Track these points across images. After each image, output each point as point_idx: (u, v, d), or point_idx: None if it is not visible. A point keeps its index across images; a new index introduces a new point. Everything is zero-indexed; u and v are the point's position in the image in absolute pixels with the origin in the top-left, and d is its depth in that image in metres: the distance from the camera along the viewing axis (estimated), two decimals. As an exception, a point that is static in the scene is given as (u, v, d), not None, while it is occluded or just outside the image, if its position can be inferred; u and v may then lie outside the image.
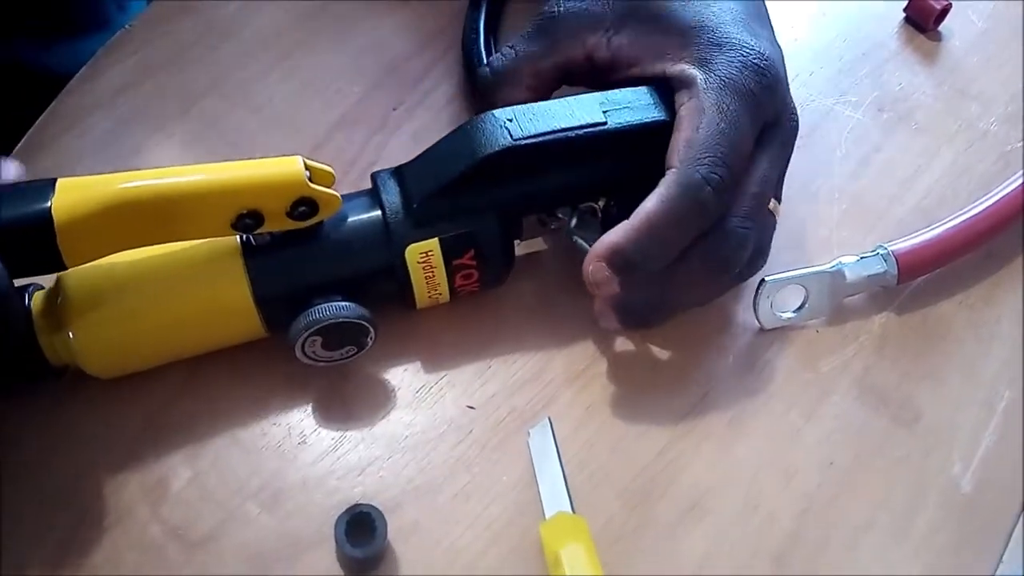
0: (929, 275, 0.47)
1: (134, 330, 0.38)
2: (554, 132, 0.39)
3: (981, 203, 0.48)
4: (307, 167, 0.37)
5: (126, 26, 0.52)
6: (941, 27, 0.60)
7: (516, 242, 0.42)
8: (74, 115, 0.49)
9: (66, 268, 0.35)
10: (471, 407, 0.42)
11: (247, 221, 0.36)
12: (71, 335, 0.37)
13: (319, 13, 0.54)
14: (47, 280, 0.39)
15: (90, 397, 0.40)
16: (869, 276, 0.44)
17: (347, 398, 0.42)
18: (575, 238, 0.42)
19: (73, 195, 0.34)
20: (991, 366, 0.45)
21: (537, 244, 0.44)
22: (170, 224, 0.36)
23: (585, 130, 0.40)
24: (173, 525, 0.38)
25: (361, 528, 0.37)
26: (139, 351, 0.39)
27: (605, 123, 0.40)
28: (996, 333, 0.46)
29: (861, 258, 0.45)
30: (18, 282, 0.35)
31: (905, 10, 0.60)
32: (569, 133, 0.40)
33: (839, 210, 0.50)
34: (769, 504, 0.40)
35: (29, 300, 0.38)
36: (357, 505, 0.37)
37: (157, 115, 0.50)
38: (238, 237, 0.39)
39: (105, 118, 0.49)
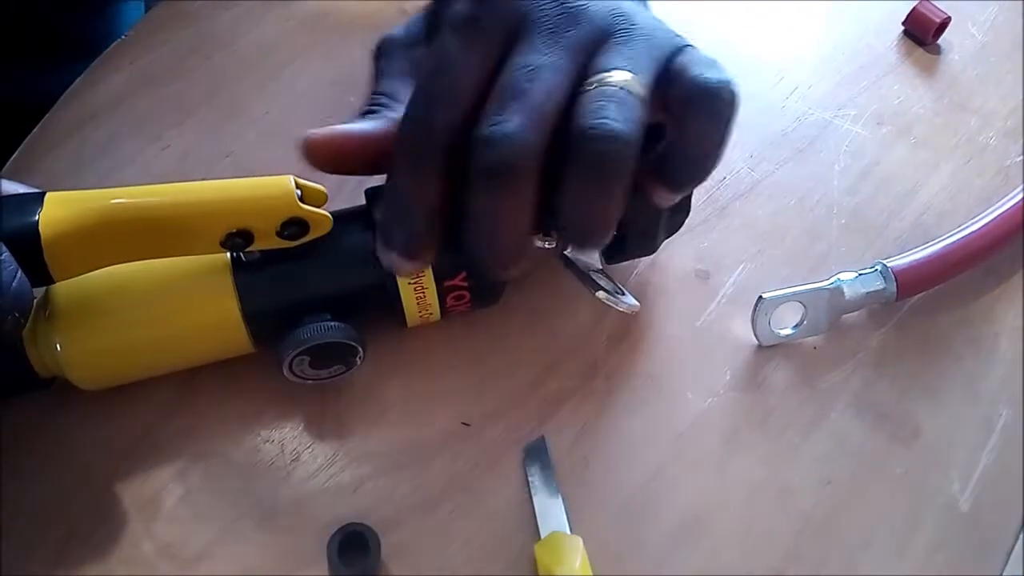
0: (928, 291, 0.47)
1: (121, 343, 0.38)
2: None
3: (980, 219, 0.47)
4: (299, 186, 0.37)
5: (122, 36, 0.52)
6: (940, 40, 0.60)
7: None
8: (70, 126, 0.49)
9: (54, 282, 0.35)
10: (466, 424, 0.41)
11: (237, 240, 0.36)
12: (58, 347, 0.37)
13: (316, 23, 0.54)
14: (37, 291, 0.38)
15: (82, 414, 0.40)
16: (868, 293, 0.44)
17: (341, 415, 0.41)
18: (569, 259, 0.42)
19: (61, 209, 0.34)
20: (990, 383, 0.45)
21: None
22: (158, 241, 0.36)
23: None
24: (166, 543, 0.38)
25: (355, 547, 0.36)
26: (126, 364, 0.39)
27: None
28: (995, 350, 0.46)
29: (860, 275, 0.45)
30: None
31: (904, 23, 0.60)
32: None
33: (837, 225, 0.50)
34: (767, 522, 0.40)
35: None
36: (350, 524, 0.37)
37: (154, 126, 0.49)
38: (228, 253, 0.38)
39: (101, 129, 0.49)
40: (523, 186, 0.34)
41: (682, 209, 0.44)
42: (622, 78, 0.35)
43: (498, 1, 0.36)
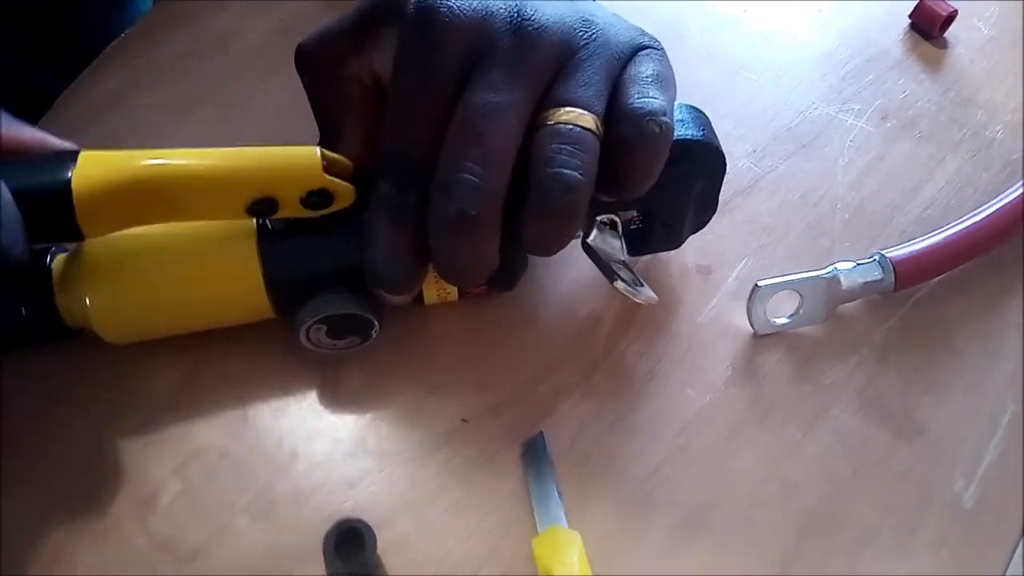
0: (934, 286, 0.47)
1: (148, 301, 0.39)
2: None
3: (982, 211, 0.47)
4: (324, 157, 0.37)
5: (120, 36, 0.52)
6: (947, 34, 0.59)
7: None
8: (67, 127, 0.48)
9: (84, 239, 0.36)
10: (465, 420, 0.41)
11: (262, 206, 0.37)
12: (87, 300, 0.38)
13: (314, 22, 0.54)
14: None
15: (80, 409, 0.40)
16: (866, 283, 0.44)
17: (340, 410, 0.41)
18: (591, 248, 0.41)
19: (94, 168, 0.35)
20: (996, 379, 0.45)
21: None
22: (186, 205, 0.36)
23: None
24: (162, 539, 0.37)
25: (351, 543, 0.36)
26: (152, 321, 0.40)
27: None
28: (1002, 346, 0.46)
29: (858, 264, 0.44)
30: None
31: (911, 16, 0.59)
32: None
33: (841, 220, 0.50)
34: (768, 519, 0.40)
35: (51, 261, 0.39)
36: (346, 520, 0.37)
37: (151, 126, 0.49)
38: (254, 220, 0.39)
39: (98, 130, 0.49)
40: (486, 232, 0.35)
41: (709, 207, 0.44)
42: (575, 115, 0.35)
43: (451, 37, 0.36)
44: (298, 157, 0.37)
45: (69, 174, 0.34)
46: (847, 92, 0.56)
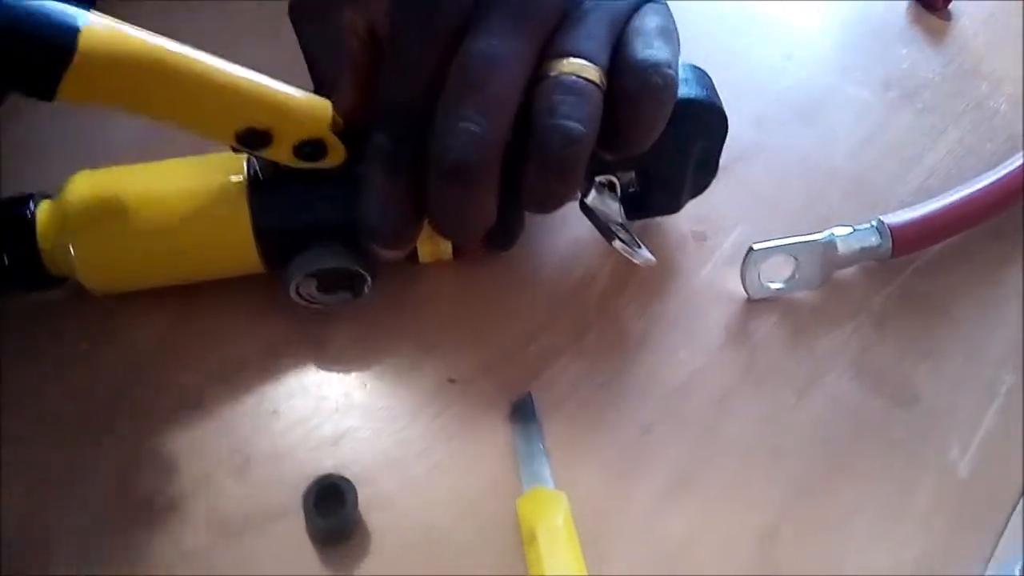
0: (934, 254, 0.46)
1: (134, 250, 0.38)
2: None
3: (982, 179, 0.46)
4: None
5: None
6: (951, 6, 0.58)
7: None
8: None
9: (53, 98, 0.32)
10: (452, 380, 0.40)
11: (254, 138, 0.36)
12: (71, 248, 0.37)
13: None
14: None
15: (61, 363, 0.40)
16: (863, 248, 0.43)
17: (326, 367, 0.41)
18: (589, 208, 0.41)
19: (104, 31, 0.32)
20: (995, 348, 0.44)
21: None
22: (182, 102, 0.35)
23: None
24: (142, 494, 0.37)
25: (331, 498, 0.36)
26: (138, 271, 0.40)
27: None
28: (1002, 314, 0.45)
29: (855, 230, 0.43)
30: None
31: (915, -13, 0.59)
32: None
33: (840, 189, 0.49)
34: (758, 484, 0.39)
35: (34, 207, 0.38)
36: (327, 475, 0.36)
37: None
38: (245, 170, 0.38)
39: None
40: (484, 182, 0.34)
41: (709, 171, 0.44)
42: (578, 66, 0.34)
43: None
44: (310, 100, 0.36)
45: (80, 25, 0.31)
46: (850, 62, 0.55)
